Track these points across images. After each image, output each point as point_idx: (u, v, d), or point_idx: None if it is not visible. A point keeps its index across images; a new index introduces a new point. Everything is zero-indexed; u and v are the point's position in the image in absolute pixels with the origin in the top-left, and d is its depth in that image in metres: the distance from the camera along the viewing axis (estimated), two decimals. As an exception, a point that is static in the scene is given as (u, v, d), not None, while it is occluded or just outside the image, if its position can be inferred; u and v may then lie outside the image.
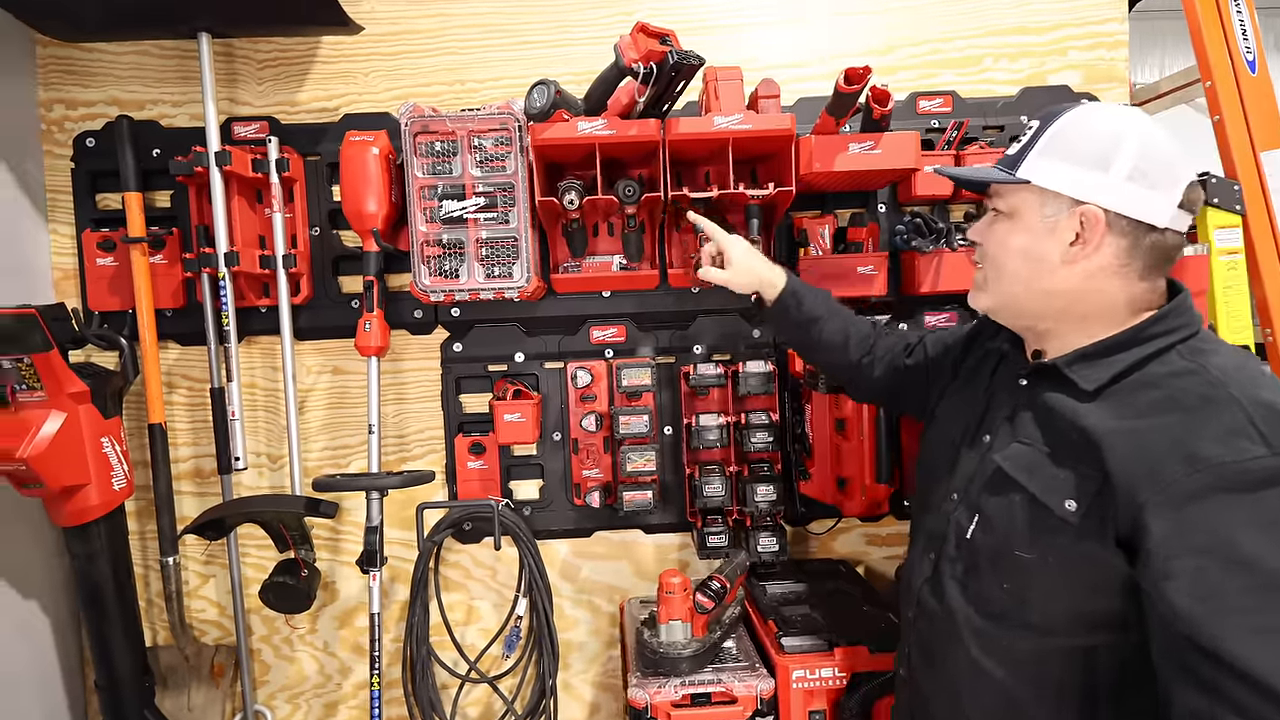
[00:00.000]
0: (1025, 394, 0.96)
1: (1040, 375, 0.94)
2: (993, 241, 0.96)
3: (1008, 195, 0.93)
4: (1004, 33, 1.72)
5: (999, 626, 0.90)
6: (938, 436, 1.11)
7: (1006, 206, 0.94)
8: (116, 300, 1.64)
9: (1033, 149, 0.90)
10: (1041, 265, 0.90)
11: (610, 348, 1.70)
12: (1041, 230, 0.90)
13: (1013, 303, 0.96)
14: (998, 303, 0.98)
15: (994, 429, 0.98)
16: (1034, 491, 0.87)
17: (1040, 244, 0.90)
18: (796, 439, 1.68)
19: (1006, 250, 0.94)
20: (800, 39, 1.71)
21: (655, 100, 1.39)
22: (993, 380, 1.04)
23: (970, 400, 1.06)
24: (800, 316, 1.30)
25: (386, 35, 1.68)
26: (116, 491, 1.51)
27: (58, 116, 1.67)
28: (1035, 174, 0.89)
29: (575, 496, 1.71)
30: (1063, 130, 0.89)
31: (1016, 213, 0.92)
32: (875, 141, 1.45)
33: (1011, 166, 0.92)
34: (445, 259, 1.47)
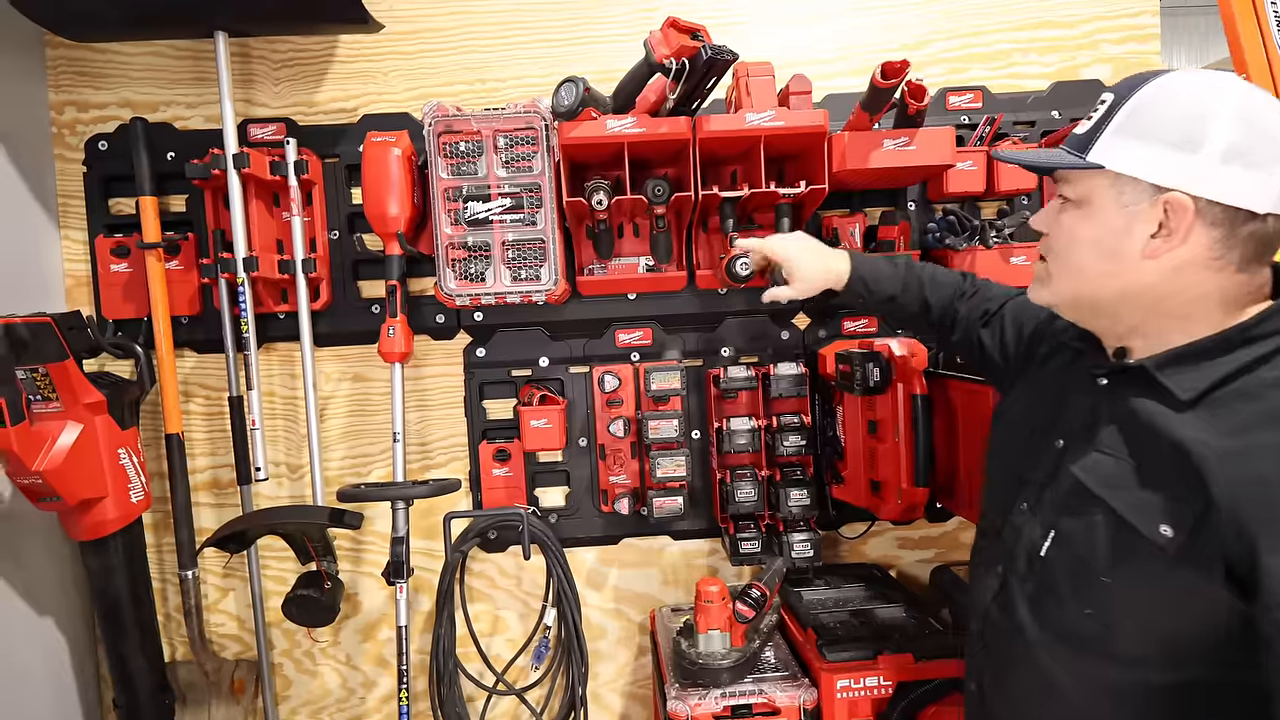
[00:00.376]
0: (1106, 396, 0.86)
1: (1124, 377, 0.85)
2: (1060, 233, 0.86)
3: (1077, 181, 0.83)
4: (1034, 27, 1.69)
5: (1078, 654, 0.83)
6: (1005, 435, 1.02)
7: (1076, 194, 0.83)
8: (131, 307, 1.60)
9: (1107, 127, 0.79)
10: (1118, 260, 0.80)
11: (636, 351, 1.67)
12: (1118, 220, 0.79)
13: (1083, 300, 0.86)
14: (1064, 299, 0.88)
15: (1068, 433, 0.89)
16: (1120, 511, 0.79)
17: (1116, 236, 0.80)
18: (828, 441, 1.64)
19: (1076, 243, 0.83)
20: (824, 35, 1.68)
21: (686, 97, 1.36)
22: (1066, 374, 0.95)
23: (1041, 395, 0.97)
24: (872, 300, 1.26)
25: (406, 34, 1.64)
26: (134, 504, 1.47)
27: (69, 119, 1.63)
28: (1110, 157, 0.78)
29: (602, 503, 1.67)
30: (1142, 105, 0.77)
31: (1088, 201, 0.82)
32: (910, 137, 1.42)
33: (1082, 148, 0.81)
34: (470, 262, 1.43)
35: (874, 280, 1.26)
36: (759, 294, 1.64)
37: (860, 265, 1.27)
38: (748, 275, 1.40)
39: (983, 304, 1.18)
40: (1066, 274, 0.86)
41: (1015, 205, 1.65)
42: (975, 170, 1.55)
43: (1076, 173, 0.83)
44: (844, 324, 1.68)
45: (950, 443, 1.49)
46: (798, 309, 1.68)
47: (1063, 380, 0.95)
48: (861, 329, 1.68)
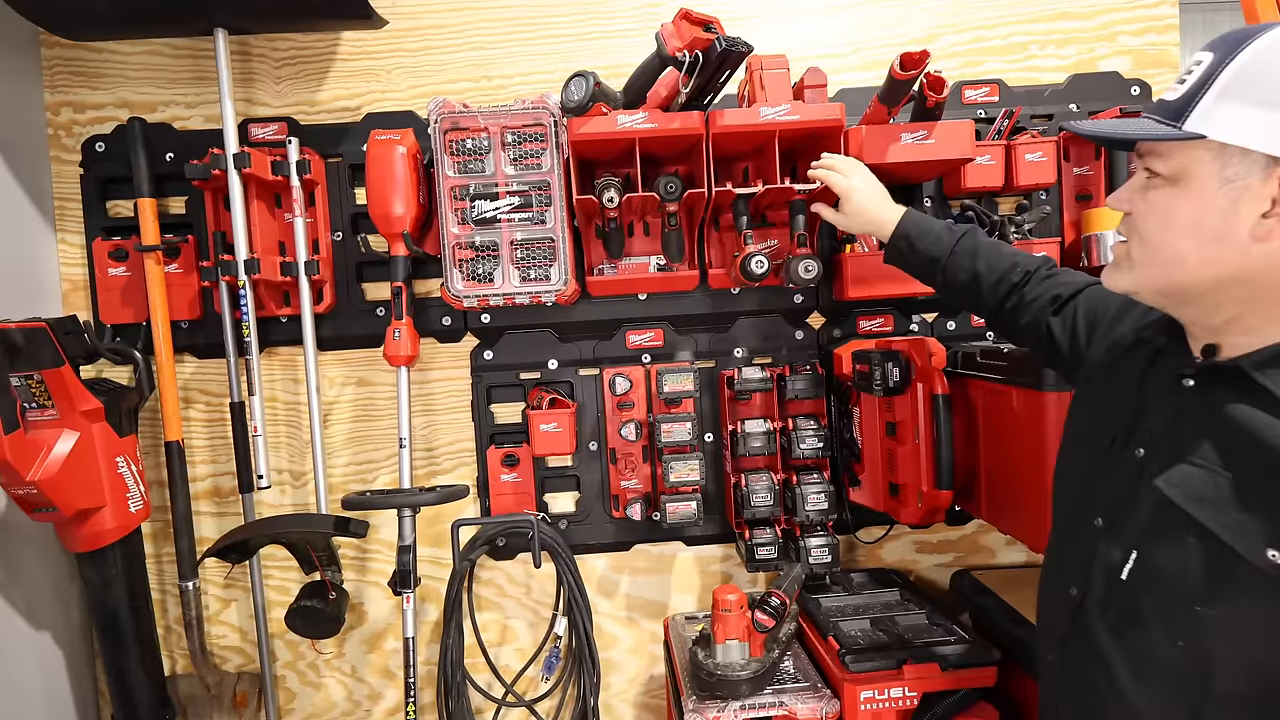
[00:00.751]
0: (1193, 399, 0.77)
1: (1215, 377, 0.76)
2: (1150, 214, 0.75)
3: (1171, 155, 0.72)
4: (1050, 18, 1.66)
5: (1172, 692, 0.74)
6: (1076, 440, 0.93)
7: (1168, 169, 0.72)
8: (129, 312, 1.56)
9: (1207, 92, 0.68)
10: (1223, 244, 0.70)
11: (647, 352, 1.63)
12: (1221, 199, 0.69)
13: (1174, 287, 0.75)
14: (1150, 285, 0.77)
15: (1149, 441, 0.79)
16: (1217, 532, 0.70)
17: (1220, 217, 0.69)
18: (845, 444, 1.60)
19: (1170, 226, 0.73)
20: (836, 29, 1.65)
21: (699, 91, 1.32)
22: (1146, 376, 0.85)
23: (1116, 398, 0.87)
24: (915, 260, 1.19)
25: (410, 30, 1.61)
26: (132, 514, 1.43)
27: (65, 120, 1.59)
28: (1213, 125, 0.68)
29: (614, 509, 1.63)
30: (1253, 63, 0.67)
31: (1184, 176, 0.71)
32: (929, 131, 1.38)
33: (1176, 116, 0.70)
34: (478, 262, 1.40)
35: (919, 237, 1.19)
36: (772, 293, 1.62)
37: (909, 219, 1.21)
38: (763, 273, 1.36)
39: (1055, 289, 1.06)
40: (1155, 260, 0.75)
41: (1034, 199, 1.61)
42: (993, 164, 1.52)
43: (1168, 145, 0.72)
44: (859, 323, 1.64)
45: (970, 444, 1.45)
46: (812, 308, 1.65)
47: (1141, 380, 0.85)
48: (878, 328, 1.65)
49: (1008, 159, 1.53)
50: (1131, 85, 1.64)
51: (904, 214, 1.22)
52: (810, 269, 1.38)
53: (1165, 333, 0.84)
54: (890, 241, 1.22)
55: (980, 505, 1.44)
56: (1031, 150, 1.52)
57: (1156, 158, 0.74)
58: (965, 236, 1.17)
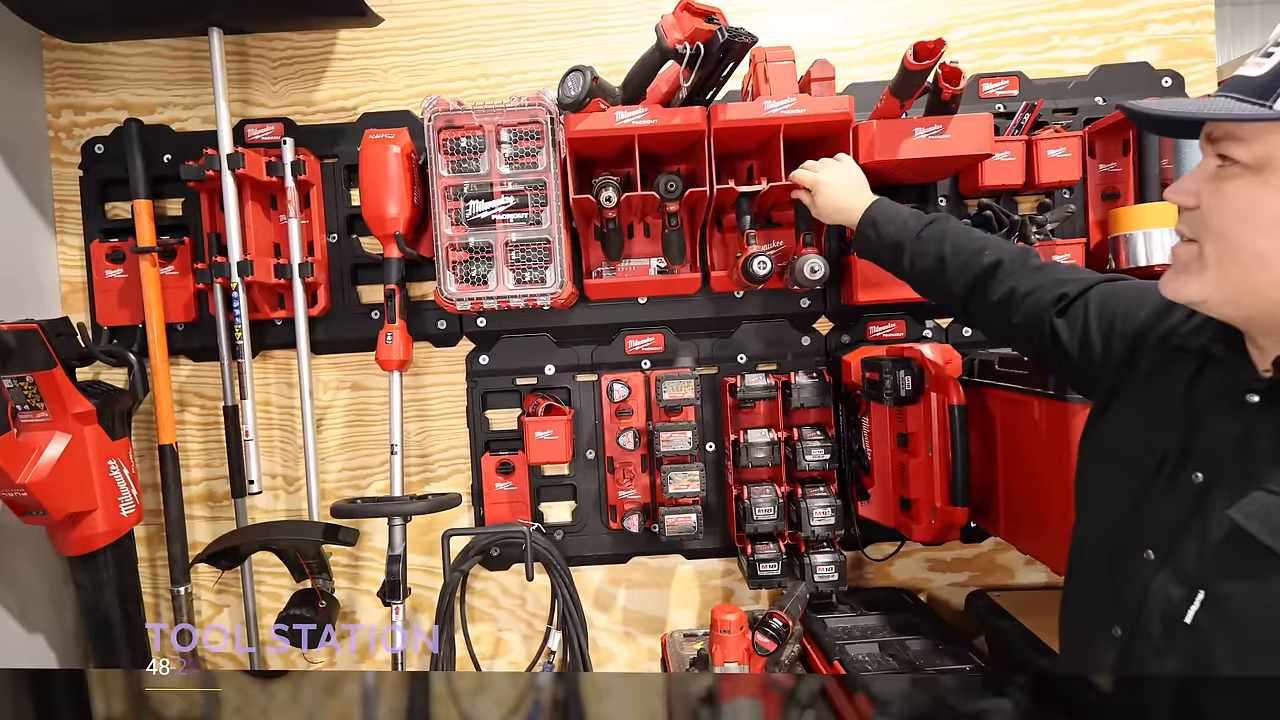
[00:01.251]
0: (1262, 418, 0.69)
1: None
2: (1227, 207, 0.66)
3: (1254, 139, 0.64)
4: (1073, 7, 1.57)
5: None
6: (1108, 461, 0.84)
7: (1252, 155, 0.64)
8: (126, 314, 1.55)
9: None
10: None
11: (647, 358, 1.58)
12: None
13: (1254, 294, 0.66)
14: (1224, 294, 0.68)
15: (1213, 465, 0.71)
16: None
17: None
18: (853, 455, 1.53)
19: (1253, 221, 0.64)
20: (845, 21, 1.58)
21: (700, 85, 1.27)
22: (1194, 390, 0.77)
23: (1163, 414, 0.78)
24: (881, 247, 1.15)
25: (406, 29, 1.58)
26: (124, 518, 1.42)
27: (65, 123, 1.59)
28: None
29: (611, 519, 1.58)
30: None
31: (1270, 164, 0.63)
32: (944, 125, 1.31)
33: (1263, 94, 0.62)
34: (472, 264, 1.36)
35: (885, 223, 1.14)
36: (778, 297, 1.55)
37: (877, 207, 1.17)
38: (765, 274, 1.30)
39: (1058, 286, 0.96)
40: (1236, 263, 0.66)
41: (1056, 198, 1.53)
42: (1013, 161, 1.44)
43: (1252, 128, 0.64)
44: (870, 328, 1.57)
45: (987, 457, 1.37)
46: (819, 313, 1.58)
47: (1188, 394, 0.76)
48: (889, 334, 1.57)
49: (1028, 155, 1.44)
50: (1163, 76, 1.54)
51: (873, 202, 1.18)
52: (816, 270, 1.32)
53: (1219, 340, 0.75)
54: (857, 229, 1.18)
55: (998, 522, 1.36)
56: (1054, 146, 1.44)
57: (1236, 142, 0.65)
58: (933, 222, 1.11)
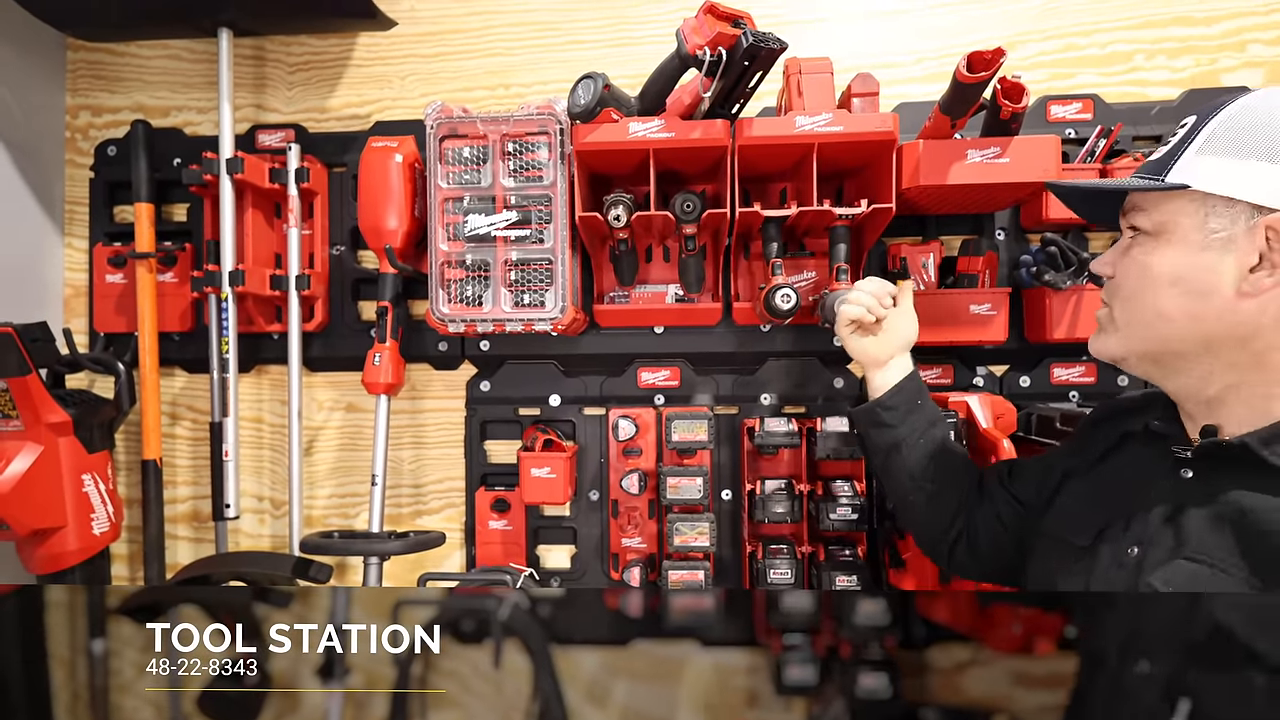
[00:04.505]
0: (1193, 489, 0.70)
1: (1219, 462, 0.69)
2: (1131, 272, 0.73)
3: (1153, 208, 0.72)
4: (1160, 24, 1.39)
5: None
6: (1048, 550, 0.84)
7: (1151, 223, 0.72)
8: (123, 321, 1.49)
9: (1189, 146, 0.69)
10: (1207, 300, 0.68)
11: (661, 393, 1.44)
12: (1206, 253, 0.68)
13: (1161, 347, 0.72)
14: (1137, 350, 0.74)
15: (1148, 539, 0.71)
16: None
17: (1204, 271, 0.68)
18: (887, 515, 1.35)
19: (1150, 278, 0.71)
20: (895, 34, 1.44)
21: (724, 96, 1.14)
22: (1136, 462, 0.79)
23: (1104, 491, 0.80)
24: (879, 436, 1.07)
25: (426, 35, 1.51)
26: (97, 536, 1.34)
27: (82, 124, 1.57)
28: (1195, 176, 0.68)
29: (612, 569, 1.43)
30: (1232, 118, 0.68)
31: (1166, 230, 0.71)
32: (1002, 148, 1.15)
33: (1159, 171, 0.71)
34: (468, 283, 1.25)
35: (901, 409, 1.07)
36: (808, 332, 1.40)
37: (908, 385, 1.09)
38: (790, 309, 1.15)
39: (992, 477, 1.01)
40: (1140, 321, 0.73)
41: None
42: (1084, 192, 1.26)
43: (1152, 199, 0.72)
44: (912, 373, 1.40)
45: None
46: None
47: (1132, 470, 0.79)
48: (934, 379, 1.40)
49: (1102, 186, 1.27)
50: (1265, 102, 1.35)
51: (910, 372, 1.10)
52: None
53: (1160, 417, 0.78)
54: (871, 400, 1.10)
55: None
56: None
57: (1140, 213, 0.74)
58: (937, 427, 1.06)
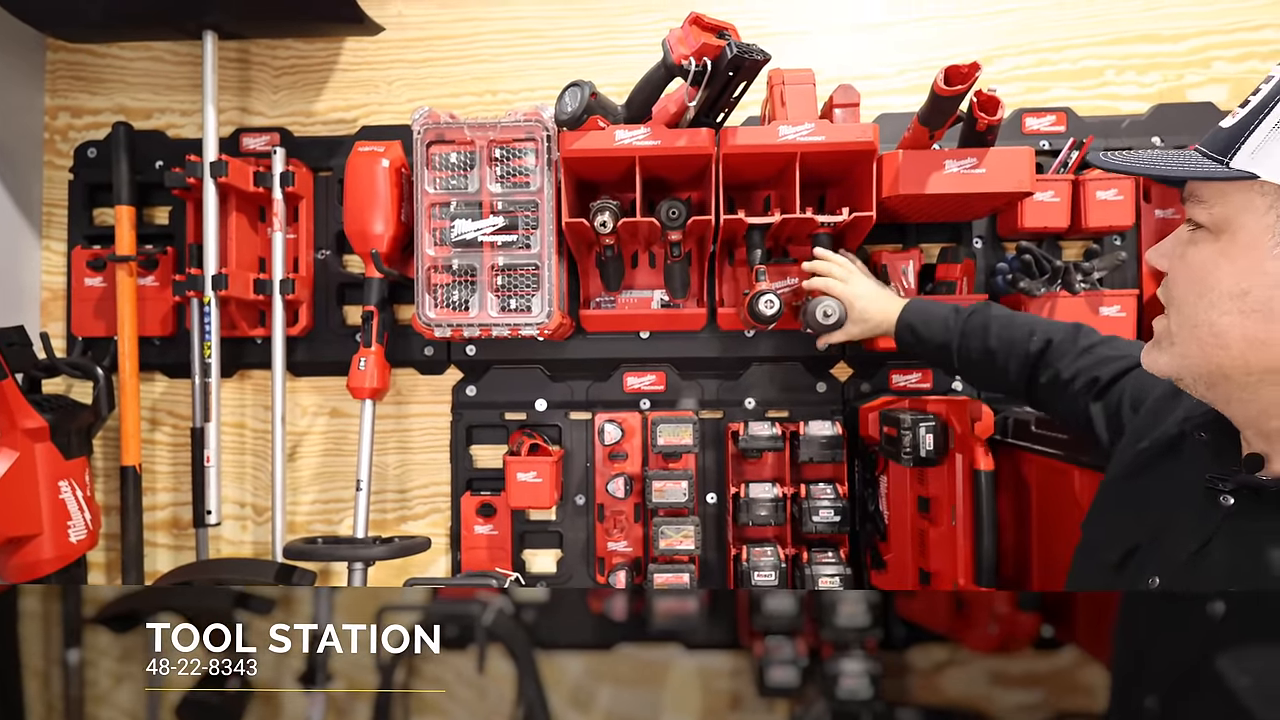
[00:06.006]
0: (1228, 524, 0.61)
1: (1260, 498, 0.60)
2: (1187, 276, 0.61)
3: (1214, 200, 0.58)
4: (1130, 41, 1.44)
5: None
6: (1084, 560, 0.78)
7: (1211, 218, 0.59)
8: (102, 325, 1.47)
9: (1268, 117, 0.55)
10: (1275, 320, 0.55)
11: (647, 397, 1.45)
12: (1276, 261, 0.55)
13: (1216, 374, 0.60)
14: (1189, 367, 0.62)
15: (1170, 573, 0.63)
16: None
17: (1274, 283, 0.55)
18: (868, 517, 1.38)
19: (1209, 292, 0.58)
20: (877, 47, 1.47)
21: (709, 105, 1.16)
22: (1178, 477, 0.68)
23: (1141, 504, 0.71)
24: (925, 351, 1.14)
25: (414, 41, 1.51)
26: (74, 544, 1.31)
27: (62, 125, 1.55)
28: (1269, 163, 0.54)
29: (598, 573, 1.44)
30: None
31: (1228, 228, 0.57)
32: (979, 159, 1.18)
33: (1224, 149, 0.56)
34: (454, 288, 1.25)
35: (923, 325, 1.12)
36: (791, 338, 1.42)
37: (911, 310, 1.14)
38: (773, 315, 1.17)
39: (1095, 369, 0.90)
40: (1194, 339, 0.60)
41: (1106, 244, 1.38)
42: (1058, 202, 1.30)
43: (1214, 187, 0.58)
44: (892, 377, 1.43)
45: (1021, 530, 1.21)
46: (837, 358, 1.44)
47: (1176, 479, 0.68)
48: (914, 384, 1.43)
49: (1075, 196, 1.31)
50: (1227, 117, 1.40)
51: (905, 306, 1.17)
52: (831, 313, 1.19)
53: (1212, 428, 0.67)
54: (896, 335, 1.17)
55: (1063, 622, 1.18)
56: (1104, 187, 1.30)
57: (1198, 204, 0.60)
58: (974, 315, 1.10)
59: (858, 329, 1.21)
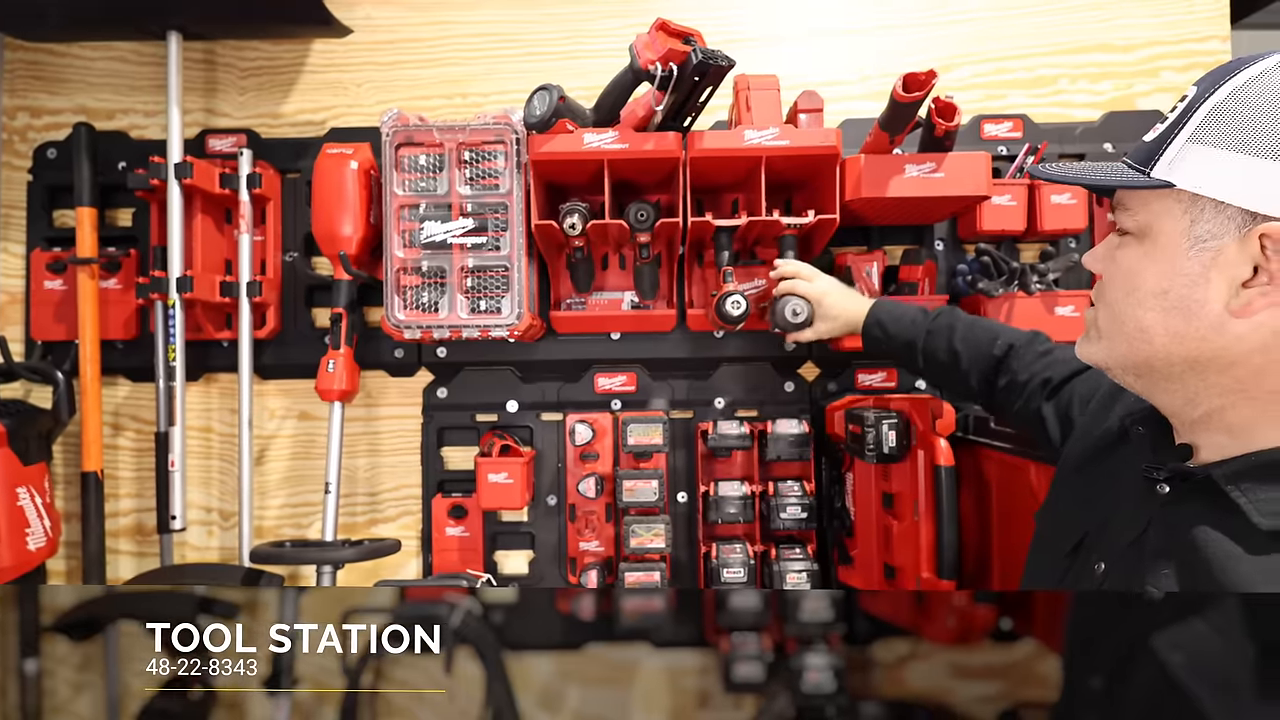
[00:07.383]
0: (1163, 510, 0.64)
1: (1190, 486, 0.62)
2: (1116, 276, 0.64)
3: (1138, 207, 0.62)
4: (1083, 50, 1.49)
5: None
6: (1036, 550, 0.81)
7: (1135, 223, 0.62)
8: (62, 329, 1.45)
9: (1181, 131, 0.58)
10: (1193, 318, 0.59)
11: (618, 398, 1.46)
12: (1192, 262, 0.58)
13: (1142, 366, 0.64)
14: (1117, 358, 0.66)
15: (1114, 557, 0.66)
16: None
17: (1190, 284, 0.58)
18: (835, 514, 1.40)
19: (1134, 292, 0.62)
20: (842, 54, 1.51)
21: (676, 110, 1.18)
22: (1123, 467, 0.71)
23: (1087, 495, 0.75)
24: (892, 347, 1.17)
25: (382, 44, 1.51)
26: (32, 552, 1.29)
27: (20, 125, 1.52)
28: (1183, 173, 0.57)
29: (570, 573, 1.44)
30: (1230, 100, 0.56)
31: (1150, 233, 0.61)
32: (937, 163, 1.21)
33: (1146, 160, 0.60)
34: (424, 290, 1.26)
35: (892, 323, 1.15)
36: (759, 338, 1.44)
37: (880, 307, 1.17)
38: (740, 315, 1.19)
39: (1047, 370, 0.96)
40: (1121, 334, 0.64)
41: (1061, 247, 1.43)
42: (1015, 206, 1.34)
43: (1137, 195, 0.62)
44: (858, 377, 1.46)
45: (984, 525, 1.25)
46: (805, 358, 1.47)
47: (1119, 471, 0.72)
48: (879, 383, 1.46)
49: (1030, 200, 1.35)
50: (1176, 124, 1.45)
51: (874, 304, 1.20)
52: (799, 313, 1.21)
53: (1149, 422, 0.71)
54: (864, 331, 1.20)
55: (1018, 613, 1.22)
56: (1058, 192, 1.34)
57: (1124, 211, 0.64)
58: (940, 316, 1.14)
59: (826, 326, 1.23)
